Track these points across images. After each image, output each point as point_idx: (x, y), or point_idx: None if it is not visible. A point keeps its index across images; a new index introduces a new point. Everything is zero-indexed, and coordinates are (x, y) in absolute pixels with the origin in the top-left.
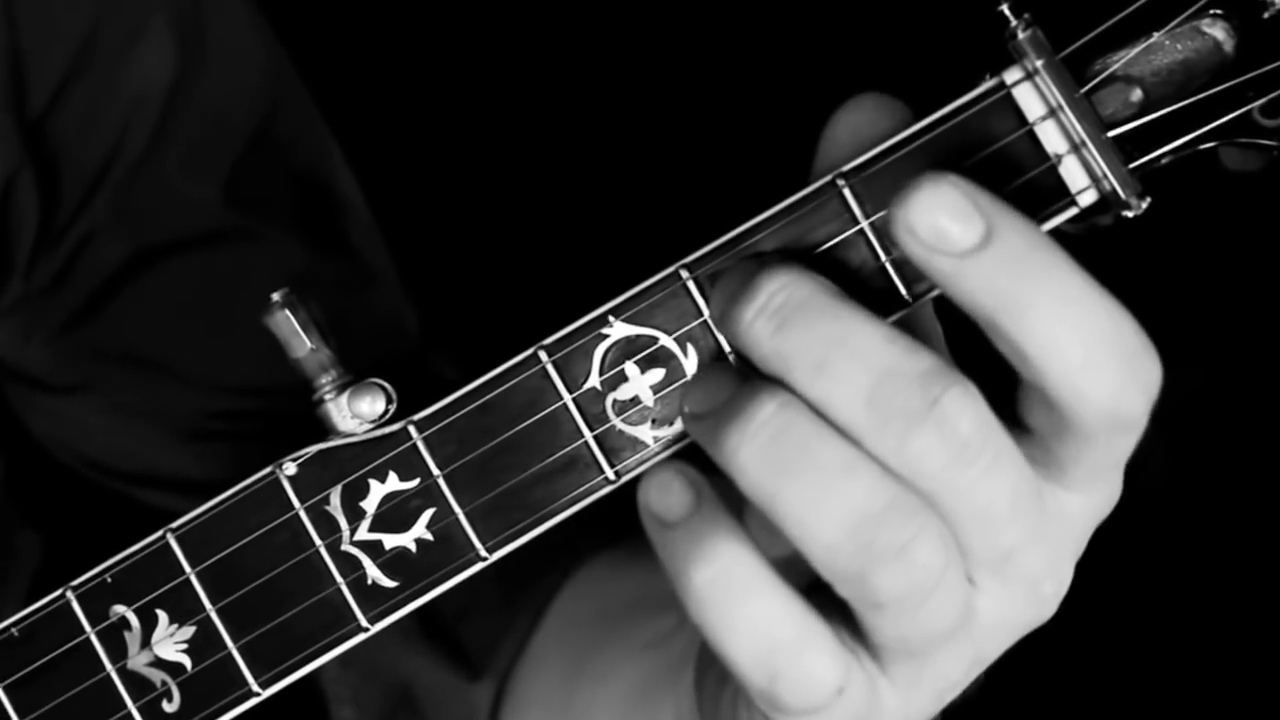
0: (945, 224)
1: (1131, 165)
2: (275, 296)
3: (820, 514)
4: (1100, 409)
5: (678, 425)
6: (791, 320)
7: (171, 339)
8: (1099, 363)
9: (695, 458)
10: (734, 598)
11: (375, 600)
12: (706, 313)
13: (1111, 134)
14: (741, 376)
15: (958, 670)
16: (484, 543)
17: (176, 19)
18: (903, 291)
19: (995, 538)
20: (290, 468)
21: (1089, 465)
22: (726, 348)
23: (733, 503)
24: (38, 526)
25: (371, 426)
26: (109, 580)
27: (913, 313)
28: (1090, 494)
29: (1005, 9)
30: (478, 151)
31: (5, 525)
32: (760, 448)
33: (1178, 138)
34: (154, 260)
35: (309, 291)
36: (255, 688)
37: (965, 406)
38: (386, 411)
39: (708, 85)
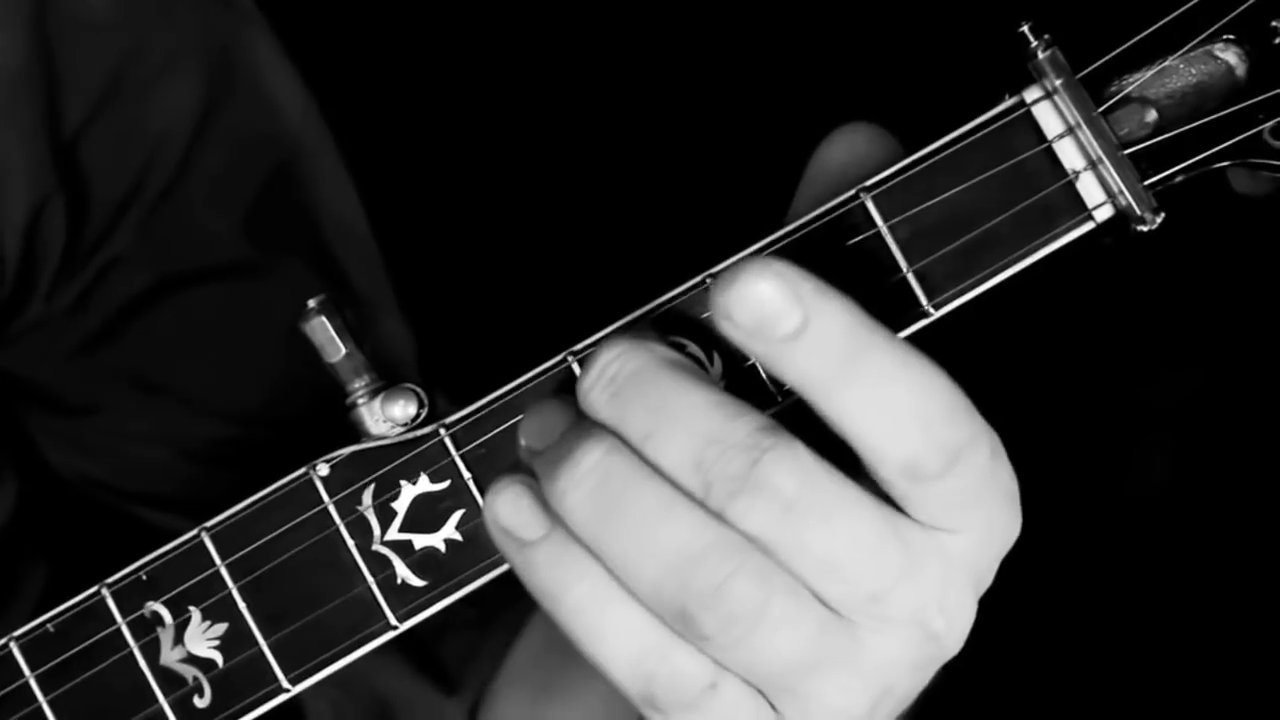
0: (764, 312)
1: (1146, 182)
2: (311, 303)
3: (642, 554)
4: (899, 470)
5: None
6: (623, 390)
7: (186, 366)
8: (900, 433)
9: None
10: (602, 612)
11: (405, 599)
12: None
13: (1127, 152)
14: (573, 413)
15: (852, 701)
16: None
17: (206, 54)
18: (924, 301)
19: (850, 583)
20: (323, 468)
21: (933, 506)
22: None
23: None
24: (45, 544)
25: (403, 430)
26: (143, 577)
27: None
28: (963, 530)
29: (1026, 30)
30: (472, 177)
31: (15, 543)
32: (586, 493)
33: (1191, 157)
34: (173, 289)
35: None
36: (285, 684)
37: (785, 466)
38: (418, 415)
39: (714, 102)
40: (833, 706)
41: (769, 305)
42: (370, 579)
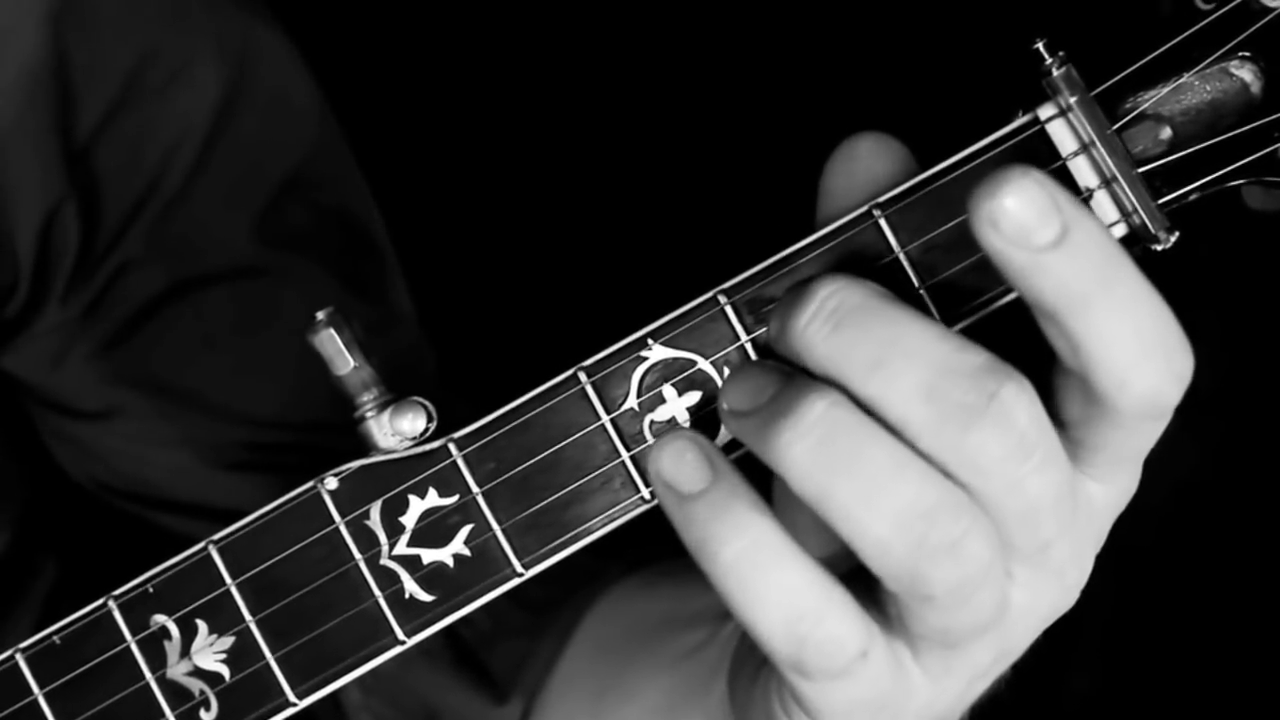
0: (1027, 219)
1: (1161, 201)
2: (320, 315)
3: (872, 511)
4: (1141, 399)
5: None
6: (845, 322)
7: (200, 369)
8: (1146, 358)
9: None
10: (761, 570)
11: (412, 614)
12: (744, 337)
13: (1141, 170)
14: (782, 373)
15: (987, 659)
16: (520, 559)
17: (221, 57)
18: (937, 318)
19: (1036, 531)
20: (331, 482)
21: (1116, 453)
22: None
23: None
24: (54, 547)
25: (412, 444)
26: (150, 590)
27: None
28: (1113, 483)
29: (1041, 47)
30: (489, 190)
31: (25, 545)
32: (812, 446)
33: (1206, 175)
34: (186, 292)
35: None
36: (292, 698)
37: (1022, 401)
38: (427, 429)
39: (728, 119)
40: (976, 663)
41: (1031, 211)
42: (378, 593)
